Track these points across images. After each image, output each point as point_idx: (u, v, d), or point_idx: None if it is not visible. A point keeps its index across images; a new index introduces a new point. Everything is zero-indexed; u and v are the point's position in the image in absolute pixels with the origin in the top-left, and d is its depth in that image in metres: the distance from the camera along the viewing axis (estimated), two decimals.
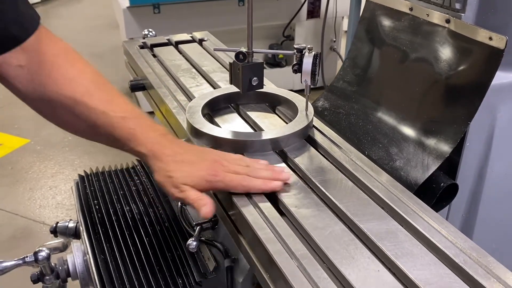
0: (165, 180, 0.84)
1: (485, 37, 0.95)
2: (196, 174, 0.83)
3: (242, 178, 0.84)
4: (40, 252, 0.96)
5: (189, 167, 0.84)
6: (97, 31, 5.55)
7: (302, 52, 0.93)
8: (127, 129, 0.87)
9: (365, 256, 0.69)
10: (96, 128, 0.88)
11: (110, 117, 0.87)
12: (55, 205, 2.80)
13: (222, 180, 0.83)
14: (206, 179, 0.83)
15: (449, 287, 0.64)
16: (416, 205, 0.79)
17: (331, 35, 3.80)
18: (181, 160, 0.85)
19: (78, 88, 0.87)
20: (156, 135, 0.88)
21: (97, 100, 0.87)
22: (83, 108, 0.87)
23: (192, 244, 0.86)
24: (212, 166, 0.84)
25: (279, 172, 0.86)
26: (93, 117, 0.87)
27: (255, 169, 0.86)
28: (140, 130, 0.88)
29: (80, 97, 0.86)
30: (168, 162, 0.85)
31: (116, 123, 0.87)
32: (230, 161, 0.87)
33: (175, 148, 0.87)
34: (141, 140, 0.87)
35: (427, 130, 1.03)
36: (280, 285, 0.70)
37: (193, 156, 0.87)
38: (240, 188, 0.83)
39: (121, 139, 0.87)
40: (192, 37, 1.58)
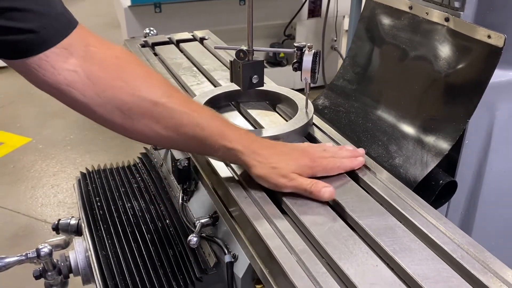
0: (270, 171, 0.83)
1: (484, 35, 0.96)
2: (299, 162, 0.85)
3: (333, 160, 0.88)
4: (42, 248, 0.97)
5: (289, 157, 0.86)
6: (99, 30, 5.54)
7: (302, 50, 0.94)
8: (215, 127, 0.83)
9: (363, 251, 0.70)
10: (180, 129, 0.82)
11: (194, 117, 0.82)
12: (56, 203, 2.81)
13: (320, 165, 0.86)
14: (309, 165, 0.85)
15: (447, 281, 0.64)
16: (415, 202, 0.80)
17: (332, 34, 3.80)
18: (279, 152, 0.87)
19: (155, 89, 0.81)
20: (244, 131, 0.89)
21: (177, 100, 0.82)
22: (163, 109, 0.80)
23: (193, 240, 0.87)
24: (307, 155, 0.87)
25: (355, 150, 0.93)
26: (176, 118, 0.81)
27: (334, 151, 0.91)
28: (229, 127, 0.86)
29: (160, 98, 0.80)
30: (268, 155, 0.85)
31: (203, 122, 0.82)
32: (314, 147, 0.91)
33: (263, 142, 0.88)
34: (234, 137, 0.84)
35: (426, 128, 1.04)
36: (279, 280, 0.70)
37: (286, 148, 0.89)
38: (335, 169, 0.88)
39: (210, 137, 0.83)
40: (193, 35, 1.59)
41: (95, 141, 3.33)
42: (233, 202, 0.84)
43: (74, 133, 3.46)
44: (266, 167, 0.84)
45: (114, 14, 4.25)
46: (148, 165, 1.22)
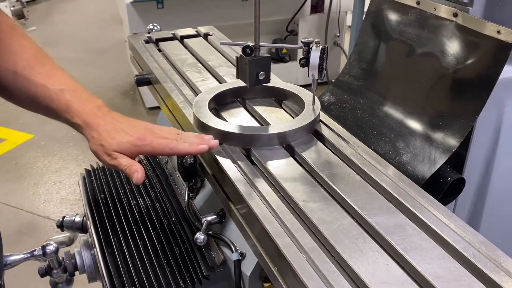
0: (98, 148, 0.89)
1: (493, 30, 0.95)
2: (124, 139, 0.87)
3: (169, 141, 0.89)
4: (48, 246, 0.96)
5: (118, 134, 0.88)
6: (101, 26, 5.55)
7: (310, 46, 0.93)
8: (64, 101, 0.90)
9: (374, 249, 0.69)
10: (36, 100, 0.91)
11: (48, 89, 0.90)
12: (59, 200, 2.81)
13: (150, 144, 0.88)
14: (134, 143, 0.88)
15: (459, 280, 0.64)
16: (424, 199, 0.79)
17: (335, 30, 3.79)
18: (112, 128, 0.89)
19: (20, 61, 0.90)
20: (92, 107, 0.92)
21: (37, 73, 0.91)
22: (23, 80, 0.90)
23: (200, 238, 0.87)
24: (142, 132, 0.89)
25: (208, 139, 0.92)
26: (32, 90, 0.90)
27: (185, 136, 0.91)
28: (76, 101, 0.91)
29: (21, 70, 0.90)
30: (100, 131, 0.89)
31: (54, 95, 0.90)
32: (161, 130, 0.92)
33: (108, 118, 0.91)
34: (77, 111, 0.90)
35: (434, 124, 1.03)
36: (289, 278, 0.70)
37: (124, 125, 0.90)
38: (167, 150, 0.89)
39: (58, 111, 0.91)
40: (197, 31, 1.58)
41: None
42: (240, 199, 0.84)
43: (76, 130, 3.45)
44: (96, 144, 0.89)
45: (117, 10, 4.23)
46: (154, 162, 1.21)
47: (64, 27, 5.62)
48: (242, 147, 0.95)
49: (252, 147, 0.94)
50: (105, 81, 4.11)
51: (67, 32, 5.39)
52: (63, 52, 4.70)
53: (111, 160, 0.88)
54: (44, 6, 6.33)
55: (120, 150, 0.87)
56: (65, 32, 5.42)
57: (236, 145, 0.95)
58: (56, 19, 5.94)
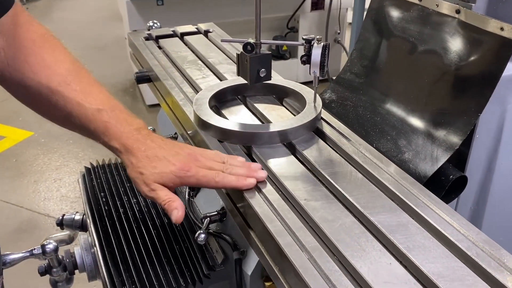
0: (136, 176, 0.82)
1: (496, 27, 0.94)
2: (167, 169, 0.80)
3: (215, 173, 0.81)
4: (47, 244, 0.96)
5: (161, 162, 0.81)
6: (101, 24, 5.54)
7: (311, 43, 0.92)
8: (101, 122, 0.85)
9: (376, 249, 0.69)
10: (71, 118, 0.86)
11: (85, 108, 0.85)
12: (59, 197, 2.81)
13: (194, 176, 0.81)
14: (177, 174, 0.80)
15: (462, 280, 0.63)
16: (427, 198, 0.78)
17: (336, 27, 3.78)
18: (153, 155, 0.82)
19: (55, 77, 0.85)
20: (131, 129, 0.85)
21: (73, 90, 0.86)
22: (59, 97, 0.85)
23: (201, 236, 0.86)
24: (185, 161, 0.82)
25: (255, 170, 0.84)
26: (68, 108, 0.85)
27: (230, 165, 0.84)
28: (115, 123, 0.85)
29: (56, 86, 0.85)
30: (140, 157, 0.82)
31: (91, 116, 0.85)
32: (205, 156, 0.84)
33: (148, 143, 0.84)
34: (115, 134, 0.84)
35: (437, 122, 1.03)
36: (290, 277, 0.69)
37: (166, 151, 0.83)
38: (212, 184, 0.81)
39: (96, 132, 0.86)
40: (197, 28, 1.57)
41: None
42: (241, 197, 0.83)
43: None
44: (135, 171, 0.82)
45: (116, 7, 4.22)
46: None
47: (63, 24, 5.60)
48: (243, 145, 0.94)
49: (253, 145, 0.94)
50: (105, 78, 4.10)
51: (67, 30, 5.38)
52: None
53: (150, 192, 0.81)
54: (43, 3, 6.32)
55: (162, 181, 0.80)
56: (65, 29, 5.41)
57: (237, 143, 0.94)
58: (56, 16, 5.92)
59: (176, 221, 0.79)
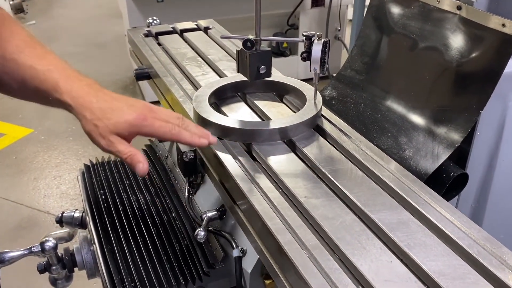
0: (91, 129, 0.81)
1: (498, 24, 0.93)
2: (122, 118, 0.80)
3: (172, 126, 0.83)
4: (46, 242, 0.95)
5: (115, 113, 0.81)
6: (100, 20, 5.52)
7: (311, 40, 0.92)
8: (52, 80, 0.85)
9: (377, 247, 0.68)
10: (25, 83, 0.86)
11: (36, 70, 0.85)
12: (59, 194, 2.80)
13: (151, 125, 0.81)
14: (133, 123, 0.80)
15: (463, 278, 0.62)
16: (428, 195, 0.78)
17: (336, 24, 3.77)
18: (107, 106, 0.82)
19: (9, 47, 0.86)
20: (82, 84, 0.85)
21: (27, 56, 0.87)
22: (12, 64, 0.86)
23: (200, 234, 0.86)
24: (140, 111, 0.82)
25: (207, 134, 0.87)
26: (21, 73, 0.86)
27: (186, 122, 0.86)
28: (65, 79, 0.85)
29: (10, 54, 0.86)
30: (93, 109, 0.81)
31: (42, 76, 0.85)
32: (161, 111, 0.86)
33: (101, 95, 0.84)
34: (65, 89, 0.84)
35: (438, 119, 1.02)
36: (290, 275, 0.69)
37: (121, 102, 0.83)
38: (168, 135, 0.83)
39: (47, 91, 0.85)
40: (197, 25, 1.56)
41: None
42: (241, 195, 0.82)
43: (76, 124, 3.39)
44: (89, 123, 0.81)
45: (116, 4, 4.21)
46: (153, 158, 1.20)
47: (63, 21, 5.59)
48: (242, 143, 0.94)
49: (253, 142, 0.93)
50: (105, 75, 4.09)
51: (66, 26, 5.37)
52: (63, 46, 4.68)
53: (108, 145, 0.80)
54: (43, 0, 6.30)
55: (117, 132, 0.80)
56: (65, 26, 5.39)
57: (237, 140, 0.94)
58: (56, 13, 5.91)
59: (142, 174, 0.80)
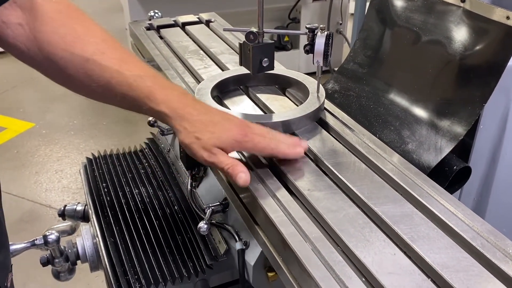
0: (193, 141, 0.79)
1: (502, 16, 0.93)
2: (225, 134, 0.79)
3: (269, 140, 0.82)
4: (50, 235, 0.96)
5: (217, 127, 0.80)
6: (102, 14, 5.51)
7: (314, 32, 0.91)
8: (145, 88, 0.81)
9: (380, 239, 0.68)
10: (111, 88, 0.81)
11: (125, 76, 0.81)
12: (61, 188, 2.81)
13: (251, 141, 0.80)
14: (236, 138, 0.79)
15: (467, 270, 0.62)
16: (431, 188, 0.78)
17: (337, 17, 3.75)
18: (208, 119, 0.81)
19: (89, 46, 0.81)
20: (177, 93, 0.83)
21: (110, 58, 0.81)
22: (95, 67, 0.80)
23: (203, 227, 0.86)
24: (240, 127, 0.81)
25: (300, 140, 0.87)
26: (106, 76, 0.80)
27: (278, 134, 0.85)
28: (160, 88, 0.82)
29: (92, 55, 0.80)
30: (194, 121, 0.80)
31: (133, 82, 0.80)
32: (255, 125, 0.85)
33: (198, 107, 0.82)
34: (162, 99, 0.81)
35: (441, 112, 1.02)
36: (293, 268, 0.69)
37: (219, 116, 0.83)
38: (268, 150, 0.82)
39: (139, 99, 0.81)
40: (199, 18, 1.56)
41: (98, 126, 3.31)
42: (244, 188, 0.82)
43: (78, 118, 3.44)
44: (190, 136, 0.79)
45: None
46: (155, 151, 1.20)
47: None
48: None
49: None
50: None
51: None
52: None
53: (210, 157, 0.78)
54: None
55: (220, 146, 0.78)
56: None
57: None
58: None
59: (243, 185, 0.77)
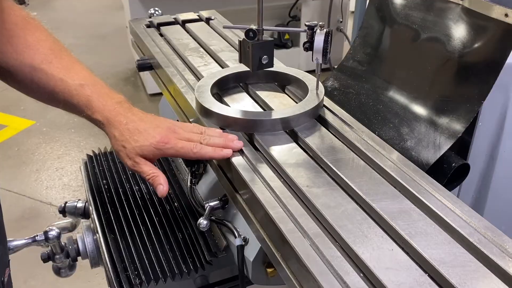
0: (120, 149, 0.87)
1: (501, 13, 0.93)
2: (147, 142, 0.85)
3: (193, 145, 0.86)
4: (50, 231, 0.96)
5: (141, 135, 0.86)
6: (102, 12, 5.51)
7: (314, 30, 0.91)
8: (84, 96, 0.88)
9: (378, 235, 0.69)
10: (55, 94, 0.89)
11: (68, 84, 0.88)
12: (61, 186, 2.81)
13: (173, 147, 0.86)
14: (157, 146, 0.85)
15: (464, 266, 0.63)
16: (429, 184, 0.78)
17: (338, 15, 3.75)
18: (134, 128, 0.86)
19: (37, 55, 0.88)
20: (113, 102, 0.89)
21: (56, 67, 0.89)
22: (42, 75, 0.88)
23: (203, 223, 0.86)
24: (164, 133, 0.86)
25: (231, 140, 0.88)
26: (51, 84, 0.88)
27: (208, 136, 0.88)
28: (97, 97, 0.89)
29: (39, 64, 0.87)
30: (122, 130, 0.86)
31: (74, 90, 0.88)
32: (184, 129, 0.89)
33: (129, 116, 0.88)
34: (98, 107, 0.88)
35: (439, 109, 1.02)
36: (292, 263, 0.69)
37: (147, 124, 0.88)
38: (190, 154, 0.86)
39: (78, 106, 0.89)
40: (199, 16, 1.56)
41: None
42: (243, 184, 0.83)
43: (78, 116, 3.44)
44: (118, 144, 0.87)
45: None
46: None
47: (64, 13, 5.57)
48: (245, 133, 0.94)
49: (255, 132, 0.93)
50: (106, 67, 4.09)
51: (67, 18, 5.35)
52: (64, 38, 4.66)
53: (134, 166, 0.86)
54: None
55: (143, 154, 0.85)
56: (66, 18, 5.38)
57: (239, 131, 0.94)
58: (57, 4, 5.89)
59: (162, 195, 0.85)
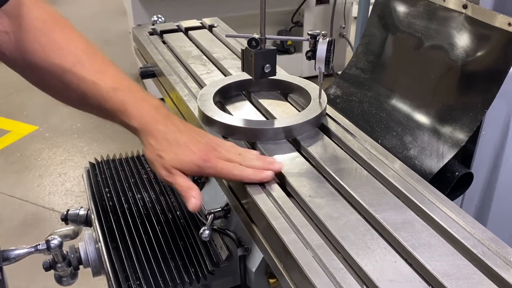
0: (155, 159, 0.81)
1: (504, 22, 0.93)
2: (187, 157, 0.80)
3: (233, 166, 0.81)
4: (52, 240, 0.96)
5: (181, 148, 0.81)
6: (105, 18, 5.53)
7: (316, 38, 0.91)
8: (118, 101, 0.83)
9: (381, 246, 0.68)
10: (87, 98, 0.84)
11: (100, 88, 0.82)
12: (64, 192, 2.81)
13: (213, 167, 0.81)
14: (197, 163, 0.80)
15: (468, 278, 0.62)
16: (433, 195, 0.78)
17: (341, 21, 3.76)
18: (173, 139, 0.81)
19: (68, 57, 0.83)
20: (150, 108, 0.84)
21: (88, 69, 0.83)
22: (73, 77, 0.82)
23: (205, 232, 0.86)
24: (205, 150, 0.81)
25: (271, 163, 0.84)
26: (83, 88, 0.83)
27: (247, 158, 0.83)
28: (132, 102, 0.83)
29: (70, 67, 0.82)
30: (160, 139, 0.81)
31: (106, 95, 0.83)
32: (223, 148, 0.84)
33: (168, 125, 0.83)
34: (133, 113, 0.83)
35: (443, 118, 1.02)
36: (294, 275, 0.69)
37: (187, 136, 0.83)
38: (231, 176, 0.82)
39: (112, 112, 0.83)
40: (202, 23, 1.56)
41: (101, 129, 3.32)
42: (245, 194, 0.83)
43: (81, 121, 3.45)
44: (154, 153, 0.81)
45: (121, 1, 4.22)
46: None
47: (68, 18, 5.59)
48: (247, 141, 0.94)
49: (258, 141, 0.93)
50: None
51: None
52: None
53: (168, 176, 0.80)
54: None
55: (181, 168, 0.80)
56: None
57: (241, 139, 0.94)
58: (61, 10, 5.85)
59: (193, 210, 0.78)
